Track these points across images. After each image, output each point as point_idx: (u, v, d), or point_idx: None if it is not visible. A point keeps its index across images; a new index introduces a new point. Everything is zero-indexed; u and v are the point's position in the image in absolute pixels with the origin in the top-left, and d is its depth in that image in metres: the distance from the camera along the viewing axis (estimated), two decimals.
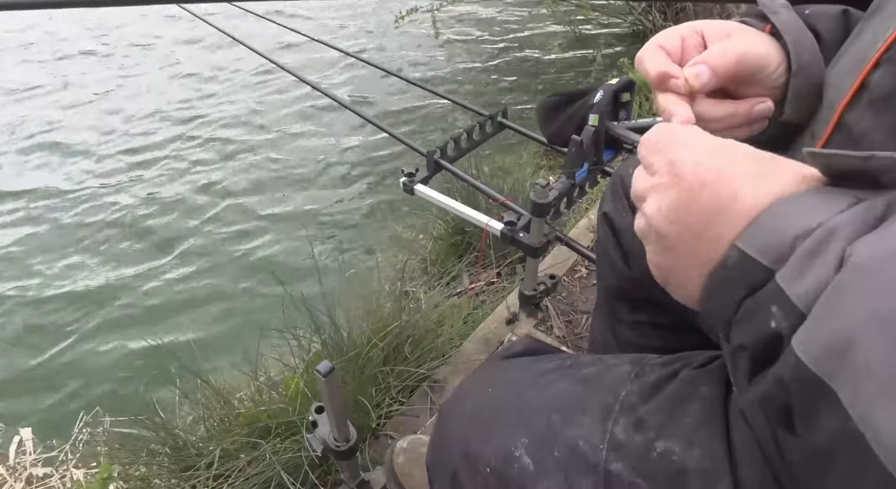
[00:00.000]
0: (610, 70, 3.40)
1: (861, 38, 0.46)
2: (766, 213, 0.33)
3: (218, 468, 1.15)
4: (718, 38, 0.50)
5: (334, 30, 4.65)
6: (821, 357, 0.27)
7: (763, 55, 0.49)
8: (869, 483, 0.26)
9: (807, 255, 0.30)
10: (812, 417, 0.29)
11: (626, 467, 0.45)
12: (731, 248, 0.33)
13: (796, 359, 0.28)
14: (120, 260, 2.70)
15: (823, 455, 0.29)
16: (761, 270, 0.32)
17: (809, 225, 0.31)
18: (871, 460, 0.25)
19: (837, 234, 0.30)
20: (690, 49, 0.51)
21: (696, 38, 0.51)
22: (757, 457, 0.44)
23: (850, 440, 0.26)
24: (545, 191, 1.13)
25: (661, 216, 0.38)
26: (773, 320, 0.30)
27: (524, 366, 0.59)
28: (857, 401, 0.26)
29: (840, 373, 0.27)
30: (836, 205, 0.31)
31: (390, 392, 1.31)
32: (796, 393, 0.29)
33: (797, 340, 0.29)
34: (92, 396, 2.05)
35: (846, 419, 0.26)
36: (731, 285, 0.34)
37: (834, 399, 0.27)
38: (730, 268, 0.34)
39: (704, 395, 0.48)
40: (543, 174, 2.45)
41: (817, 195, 0.33)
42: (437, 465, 0.59)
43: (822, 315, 0.28)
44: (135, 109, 3.79)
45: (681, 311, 0.75)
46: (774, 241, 0.32)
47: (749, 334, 0.33)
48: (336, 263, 2.56)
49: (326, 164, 3.25)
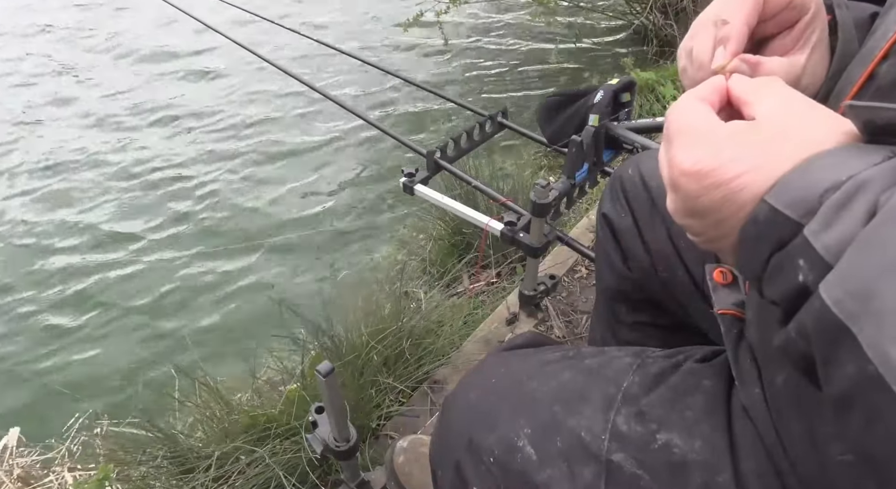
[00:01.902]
0: (611, 71, 3.41)
1: (874, 34, 0.46)
2: (797, 169, 0.33)
3: (217, 469, 1.15)
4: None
5: (334, 30, 4.66)
6: (844, 301, 0.28)
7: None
8: (888, 424, 0.26)
9: (835, 208, 0.30)
10: (833, 362, 0.29)
11: (628, 458, 0.45)
12: (761, 203, 0.33)
13: (821, 303, 0.29)
14: (118, 260, 2.70)
15: (844, 403, 0.29)
16: (790, 224, 0.32)
17: (839, 178, 0.31)
18: (891, 401, 0.26)
19: (867, 187, 0.30)
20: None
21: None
22: (758, 451, 0.44)
23: (870, 382, 0.26)
24: (545, 191, 1.13)
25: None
26: (800, 273, 0.31)
27: (527, 357, 0.59)
28: (876, 342, 0.26)
29: (861, 316, 0.27)
30: (870, 159, 0.31)
31: (390, 393, 1.31)
32: (818, 337, 0.29)
33: (823, 286, 0.29)
34: (90, 398, 2.04)
35: (866, 362, 0.26)
36: (760, 240, 0.34)
37: (853, 342, 0.27)
38: (760, 223, 0.34)
39: (707, 389, 0.48)
40: (543, 174, 2.45)
41: (851, 150, 0.33)
42: (440, 456, 0.59)
43: (850, 261, 0.28)
44: (124, 107, 3.79)
45: (680, 312, 0.76)
46: (804, 195, 0.32)
47: (779, 287, 0.33)
48: (335, 264, 2.56)
49: (326, 164, 3.25)
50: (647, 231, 0.74)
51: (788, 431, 0.43)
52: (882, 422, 0.27)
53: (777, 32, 0.48)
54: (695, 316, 0.72)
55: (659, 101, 2.70)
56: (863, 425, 0.28)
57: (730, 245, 0.37)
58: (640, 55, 3.72)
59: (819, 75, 0.48)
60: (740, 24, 0.45)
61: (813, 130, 0.35)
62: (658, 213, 0.72)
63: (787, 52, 0.48)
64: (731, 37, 0.45)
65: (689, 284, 0.70)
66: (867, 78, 0.44)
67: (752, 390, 0.46)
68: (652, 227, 0.73)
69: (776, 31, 0.48)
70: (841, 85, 0.47)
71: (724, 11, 0.46)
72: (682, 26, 3.42)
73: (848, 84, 0.45)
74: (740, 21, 0.45)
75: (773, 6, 0.46)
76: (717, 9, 0.47)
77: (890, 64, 0.43)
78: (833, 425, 0.30)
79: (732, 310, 0.50)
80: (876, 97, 0.43)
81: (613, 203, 0.79)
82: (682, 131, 0.39)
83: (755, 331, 0.47)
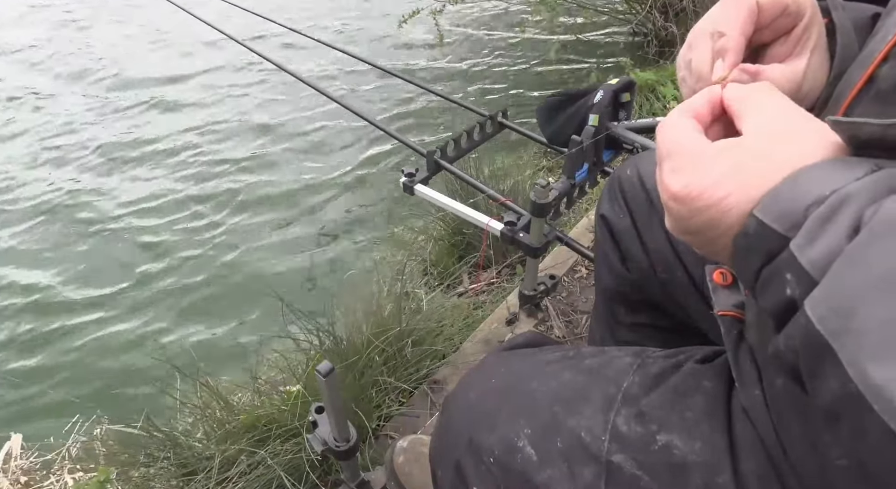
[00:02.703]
0: (611, 71, 3.41)
1: (875, 36, 0.46)
2: (784, 182, 0.34)
3: (219, 471, 1.15)
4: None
5: (333, 30, 4.66)
6: (827, 317, 0.28)
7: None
8: (872, 440, 0.27)
9: (819, 222, 0.30)
10: (818, 377, 0.29)
11: (628, 459, 0.45)
12: (751, 217, 0.34)
13: (806, 319, 0.29)
14: (117, 261, 2.70)
15: (831, 415, 0.29)
16: (777, 238, 0.32)
17: (823, 192, 0.31)
18: (872, 418, 0.26)
19: (851, 201, 0.30)
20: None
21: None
22: (758, 452, 0.44)
23: (851, 400, 0.27)
24: (545, 191, 1.13)
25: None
26: (787, 287, 0.31)
27: (527, 357, 0.59)
28: (855, 361, 0.26)
29: (843, 334, 0.27)
30: (854, 172, 0.32)
31: (390, 393, 1.31)
32: (804, 352, 0.30)
33: (808, 302, 0.29)
34: (90, 399, 2.04)
35: (847, 380, 0.27)
36: (751, 252, 0.34)
37: (835, 359, 0.27)
38: (749, 236, 0.34)
39: (707, 390, 0.48)
40: (543, 174, 2.45)
41: (836, 163, 0.33)
42: (440, 456, 0.60)
43: (833, 279, 0.29)
44: (125, 109, 3.79)
45: (680, 313, 0.76)
46: (789, 208, 0.32)
47: (769, 300, 0.33)
48: (336, 264, 2.56)
49: (325, 165, 3.25)
50: (645, 232, 0.74)
51: (788, 433, 0.43)
52: (868, 437, 0.27)
53: (774, 39, 0.49)
54: (694, 317, 0.72)
55: (659, 101, 2.70)
56: (851, 437, 0.28)
57: (727, 256, 0.38)
58: (640, 55, 3.72)
59: (820, 80, 0.48)
60: (737, 35, 0.46)
61: (800, 144, 0.35)
62: (656, 214, 0.72)
63: (785, 59, 0.48)
64: (729, 48, 0.46)
65: (688, 285, 0.70)
66: (867, 81, 0.44)
67: (752, 392, 0.46)
68: (650, 228, 0.73)
69: (773, 39, 0.49)
70: (841, 88, 0.47)
71: (720, 23, 0.46)
72: (681, 26, 3.42)
73: (848, 87, 0.45)
74: (737, 32, 0.46)
75: (768, 14, 0.46)
76: (713, 19, 0.47)
77: (890, 66, 0.43)
78: (826, 433, 0.31)
79: (732, 312, 0.50)
80: (875, 100, 0.43)
81: (612, 204, 0.79)
82: (672, 153, 0.39)
83: (755, 333, 0.47)
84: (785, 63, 0.48)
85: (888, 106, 0.43)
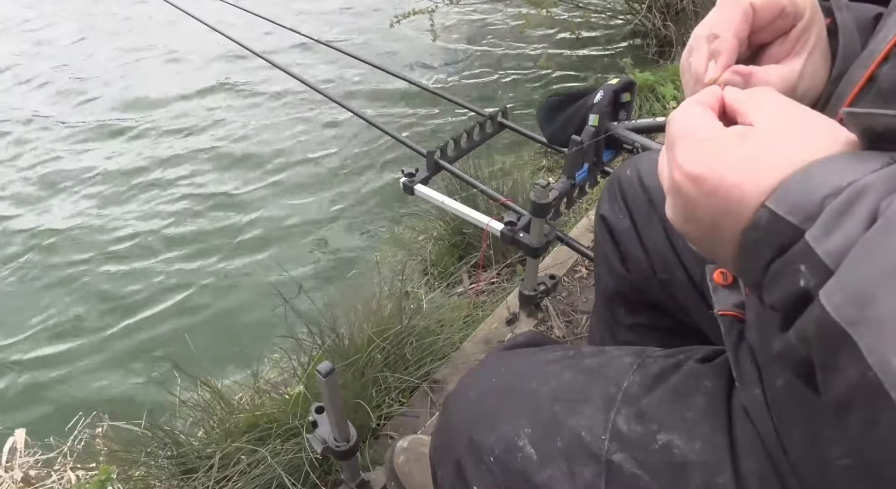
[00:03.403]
0: (610, 71, 3.41)
1: (876, 36, 0.47)
2: (796, 175, 0.33)
3: (219, 470, 1.15)
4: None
5: (333, 30, 4.66)
6: (844, 307, 0.28)
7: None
8: (883, 431, 0.27)
9: (836, 213, 0.30)
10: (833, 367, 0.29)
11: (628, 458, 0.46)
12: (762, 209, 0.34)
13: (821, 309, 0.29)
14: (119, 261, 2.70)
15: (842, 407, 0.29)
16: (791, 230, 0.32)
17: (840, 184, 0.31)
18: (888, 407, 0.26)
19: (868, 193, 0.30)
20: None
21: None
22: (758, 452, 0.44)
23: (868, 388, 0.27)
24: (545, 191, 1.13)
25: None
26: (801, 279, 0.31)
27: (527, 356, 0.59)
28: (876, 348, 0.26)
29: (861, 323, 0.27)
30: (869, 165, 0.32)
31: (390, 393, 1.31)
32: (819, 343, 0.30)
33: (824, 292, 0.29)
34: (91, 398, 2.05)
35: (866, 368, 0.27)
36: (761, 245, 0.34)
37: (853, 348, 0.27)
38: (761, 228, 0.34)
39: (707, 389, 0.48)
40: (543, 174, 2.45)
41: (850, 156, 0.33)
42: (440, 455, 0.60)
43: (851, 268, 0.29)
44: (124, 112, 3.79)
45: (680, 313, 0.76)
46: (804, 200, 0.32)
47: (779, 293, 0.33)
48: (336, 264, 2.56)
49: (325, 165, 3.25)
50: (645, 232, 0.74)
51: (789, 433, 0.43)
52: (880, 428, 0.27)
53: (773, 40, 0.49)
54: (694, 317, 0.72)
55: (659, 101, 2.70)
56: (861, 430, 0.28)
57: (728, 253, 0.37)
58: (640, 55, 3.72)
59: (818, 80, 0.48)
60: (730, 37, 0.46)
61: (812, 138, 0.35)
62: (656, 214, 0.72)
63: (782, 59, 0.48)
64: (722, 50, 0.46)
65: (688, 285, 0.70)
66: (867, 80, 0.44)
67: (752, 391, 0.46)
68: (650, 229, 0.73)
69: (772, 39, 0.49)
70: (842, 88, 0.47)
71: (716, 25, 0.47)
72: (681, 26, 3.42)
73: (849, 86, 0.46)
74: (730, 34, 0.46)
75: (764, 16, 0.47)
76: (709, 23, 0.48)
77: (890, 66, 0.43)
78: (831, 430, 0.31)
79: (733, 311, 0.50)
80: (877, 100, 0.43)
81: (611, 204, 0.79)
82: (686, 134, 0.39)
83: (755, 333, 0.47)
84: (782, 63, 0.48)
85: (889, 105, 0.42)
